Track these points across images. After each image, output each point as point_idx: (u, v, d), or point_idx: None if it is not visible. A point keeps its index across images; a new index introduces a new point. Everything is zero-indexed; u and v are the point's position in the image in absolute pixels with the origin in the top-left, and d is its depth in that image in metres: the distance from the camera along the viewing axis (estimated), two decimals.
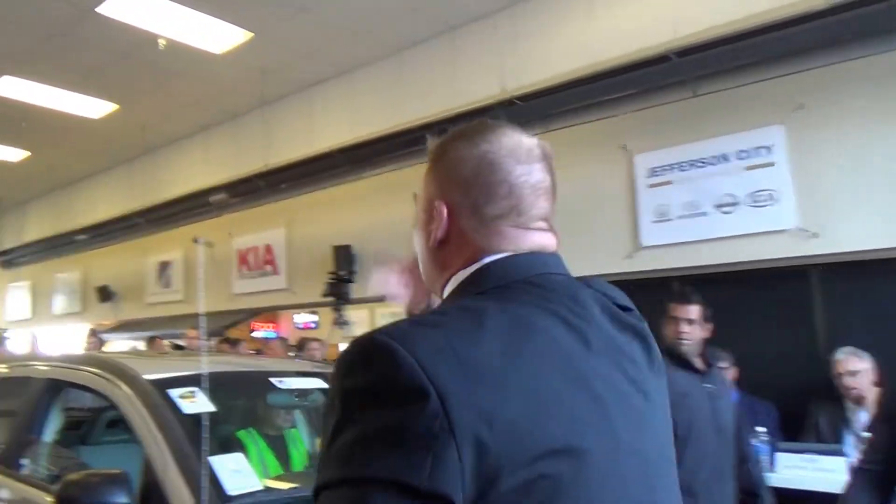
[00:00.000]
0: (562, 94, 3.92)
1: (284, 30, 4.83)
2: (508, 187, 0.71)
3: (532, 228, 0.72)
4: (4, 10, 4.50)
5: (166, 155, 7.32)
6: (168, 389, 1.95)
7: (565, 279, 0.72)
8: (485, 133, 0.73)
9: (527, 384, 0.59)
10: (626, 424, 0.65)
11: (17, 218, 9.83)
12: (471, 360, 0.57)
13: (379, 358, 0.56)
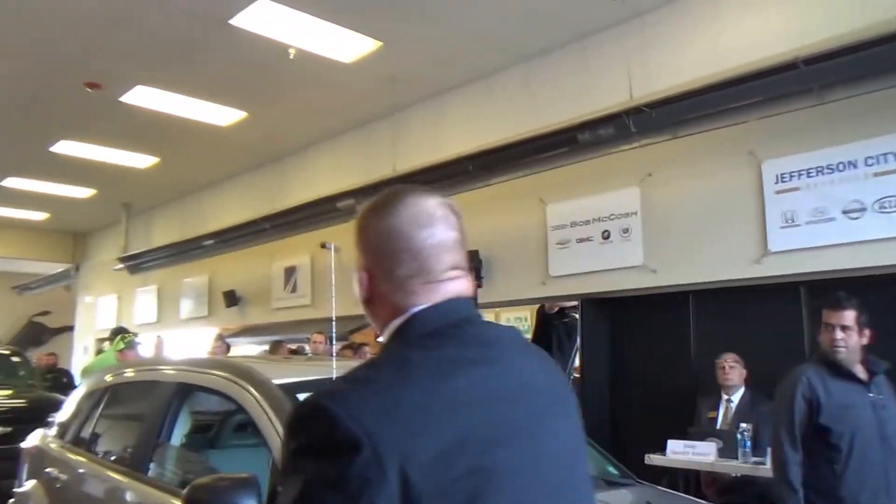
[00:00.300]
0: (690, 101, 4.81)
1: (413, 38, 5.85)
2: (412, 252, 1.02)
3: (441, 280, 1.04)
4: (140, 21, 5.51)
5: (294, 161, 8.87)
6: (297, 394, 2.24)
7: (477, 324, 1.06)
8: (389, 206, 1.05)
9: (447, 422, 0.88)
10: (531, 447, 0.97)
11: (146, 223, 11.91)
12: (397, 410, 0.85)
13: (318, 418, 0.85)
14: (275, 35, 5.71)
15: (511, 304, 7.48)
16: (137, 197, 11.31)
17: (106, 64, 6.30)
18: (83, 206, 11.62)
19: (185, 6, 5.29)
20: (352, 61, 6.23)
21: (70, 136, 8.27)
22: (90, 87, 6.70)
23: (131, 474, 2.65)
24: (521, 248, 6.27)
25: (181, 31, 5.72)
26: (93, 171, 9.63)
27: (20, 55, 6.13)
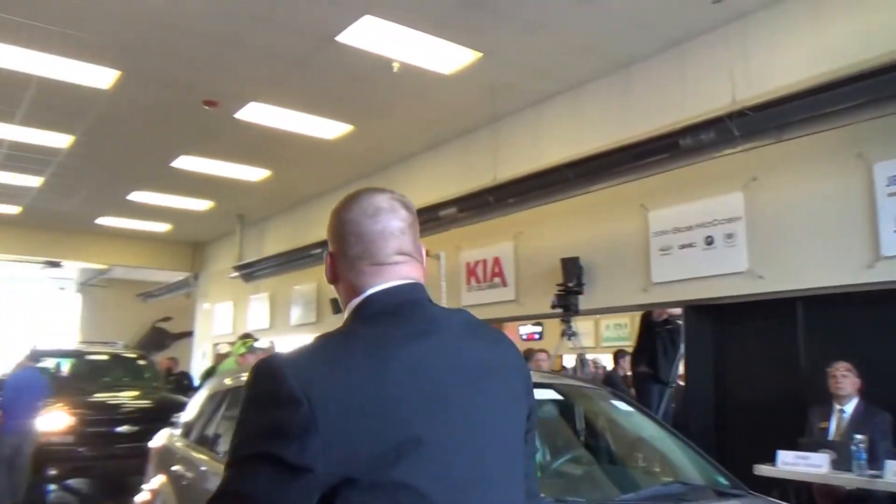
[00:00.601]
0: (795, 103, 4.73)
1: (512, 49, 6.02)
2: (359, 236, 1.23)
3: (388, 264, 1.22)
4: (253, 42, 5.87)
5: (397, 172, 9.25)
6: None
7: (424, 306, 1.22)
8: (348, 201, 1.28)
9: (380, 390, 1.05)
10: (463, 417, 1.13)
11: (258, 233, 12.68)
12: (336, 376, 1.04)
13: (271, 376, 1.04)
14: (379, 50, 5.99)
15: (611, 310, 7.52)
16: (251, 208, 12.01)
17: (222, 83, 6.83)
18: (202, 217, 12.48)
19: (294, 26, 5.68)
20: (452, 73, 6.44)
21: (189, 151, 8.97)
22: (208, 105, 7.27)
23: None
24: (622, 254, 6.30)
25: (291, 50, 6.11)
26: (210, 185, 10.37)
27: (145, 78, 6.75)
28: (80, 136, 8.32)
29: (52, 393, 7.97)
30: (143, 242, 14.64)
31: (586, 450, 3.48)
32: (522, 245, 7.44)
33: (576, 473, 3.19)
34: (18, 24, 5.68)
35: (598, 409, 3.66)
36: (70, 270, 16.00)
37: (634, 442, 3.49)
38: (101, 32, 5.83)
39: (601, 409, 3.65)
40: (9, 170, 9.71)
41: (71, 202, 11.53)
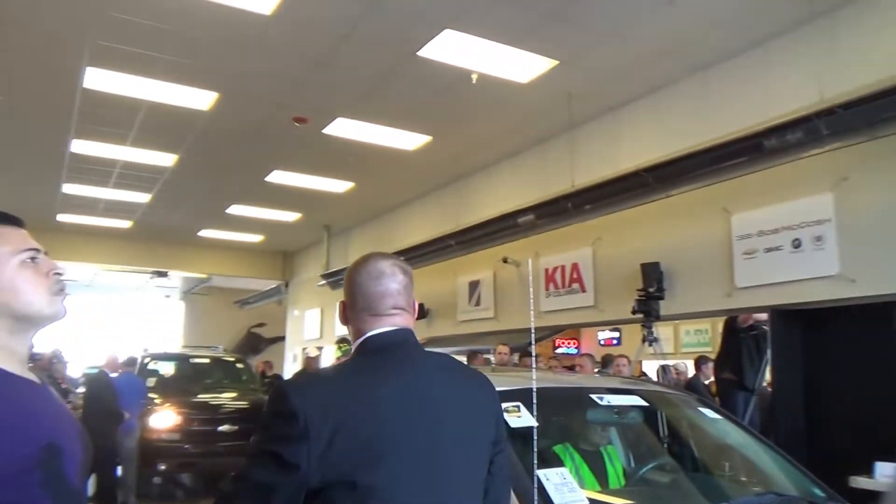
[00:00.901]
0: (888, 99, 4.41)
1: (588, 55, 5.89)
2: (364, 295, 1.55)
3: (384, 315, 1.54)
4: (339, 59, 5.94)
5: (476, 180, 9.22)
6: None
7: (408, 348, 1.55)
8: (358, 265, 1.60)
9: (362, 410, 1.35)
10: (429, 437, 1.41)
11: (343, 242, 12.90)
12: (330, 399, 1.34)
13: (281, 397, 1.35)
14: (458, 62, 6.00)
15: (693, 316, 7.22)
16: (336, 219, 12.24)
17: (311, 100, 6.97)
18: (291, 228, 12.79)
19: (378, 43, 5.74)
20: (529, 81, 6.37)
21: (281, 166, 9.20)
22: (298, 121, 7.44)
23: None
24: (704, 259, 6.05)
25: (375, 66, 6.18)
26: (299, 197, 10.62)
27: (241, 98, 6.96)
28: (183, 154, 8.67)
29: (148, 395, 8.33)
30: (238, 253, 15.14)
31: (672, 457, 3.32)
32: (601, 250, 7.25)
33: (662, 481, 3.04)
34: (131, 54, 5.97)
35: (684, 415, 3.48)
36: (175, 279, 16.68)
37: (722, 450, 3.30)
38: (201, 57, 6.05)
39: (686, 416, 3.47)
40: (122, 187, 10.24)
41: (176, 216, 12.04)
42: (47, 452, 1.18)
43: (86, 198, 10.83)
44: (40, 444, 1.18)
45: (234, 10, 5.18)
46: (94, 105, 7.06)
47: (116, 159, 8.86)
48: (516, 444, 2.10)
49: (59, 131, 7.89)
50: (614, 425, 3.01)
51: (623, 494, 2.62)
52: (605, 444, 2.88)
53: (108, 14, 5.33)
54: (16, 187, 10.36)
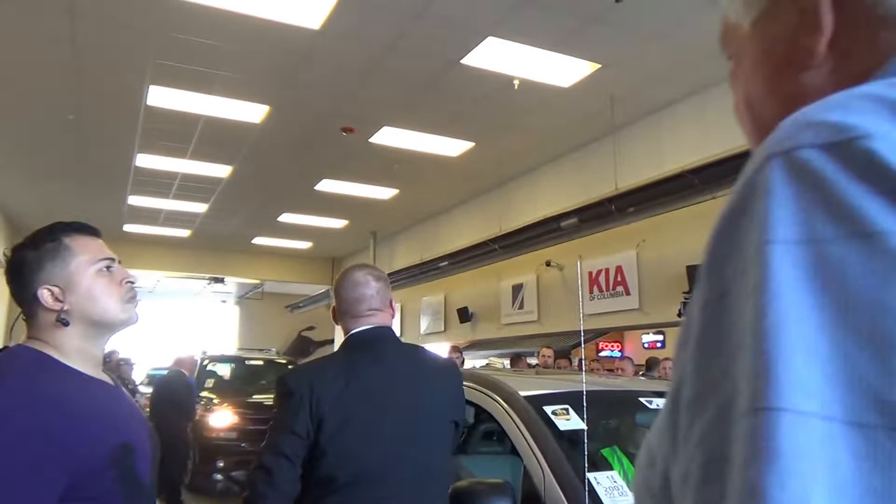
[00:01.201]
0: None
1: (631, 58, 5.74)
2: (345, 301, 1.90)
3: (363, 316, 1.88)
4: (386, 69, 5.95)
5: (519, 185, 9.10)
6: (543, 406, 2.27)
7: (384, 341, 1.90)
8: (340, 278, 1.95)
9: (342, 388, 1.73)
10: (393, 409, 1.77)
11: (389, 248, 12.91)
12: (318, 378, 1.75)
13: (283, 381, 1.79)
14: (501, 69, 5.92)
15: None
16: (382, 225, 12.25)
17: (358, 110, 6.96)
18: (338, 234, 12.87)
19: (423, 52, 5.69)
20: (571, 85, 6.26)
21: (330, 175, 9.24)
22: (346, 131, 7.44)
23: None
24: None
25: (420, 75, 6.13)
26: (346, 205, 10.66)
27: (291, 111, 7.00)
28: (237, 166, 8.78)
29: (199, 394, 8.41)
30: (289, 259, 15.31)
31: None
32: (645, 253, 7.06)
33: None
34: (190, 72, 6.06)
35: None
36: (230, 285, 16.94)
37: None
38: (254, 72, 6.10)
39: None
40: (181, 199, 10.46)
41: (231, 225, 12.23)
42: (121, 451, 1.21)
43: (149, 209, 11.11)
44: (114, 443, 1.21)
45: (284, 26, 5.21)
46: (157, 121, 7.21)
47: (176, 171, 9.04)
48: (565, 446, 2.08)
49: (125, 146, 8.09)
50: None
51: None
52: None
53: (168, 34, 5.41)
54: (87, 200, 10.68)
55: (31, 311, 1.31)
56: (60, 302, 1.29)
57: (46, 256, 1.31)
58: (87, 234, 1.38)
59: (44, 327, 1.29)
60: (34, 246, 1.32)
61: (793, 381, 0.36)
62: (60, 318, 1.28)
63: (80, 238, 1.36)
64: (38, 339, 1.29)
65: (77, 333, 1.29)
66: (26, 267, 1.31)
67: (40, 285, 1.29)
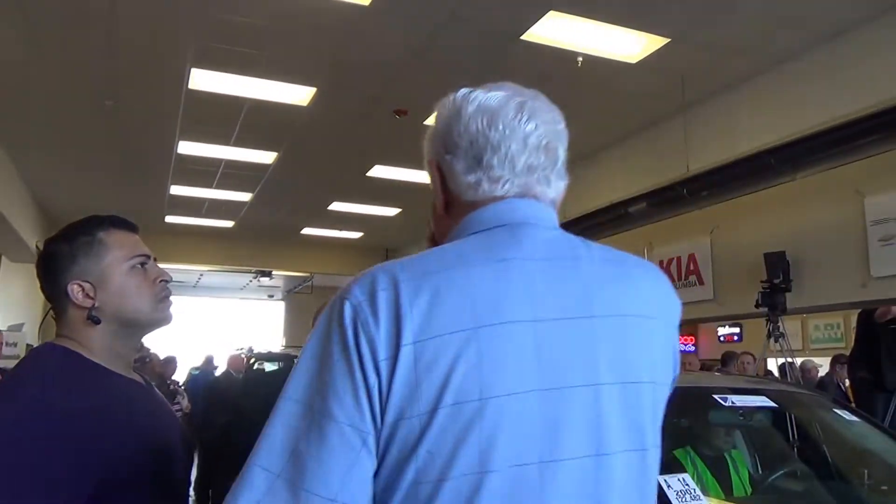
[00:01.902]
0: None
1: (703, 31, 5.69)
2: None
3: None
4: (439, 47, 5.96)
5: (583, 168, 9.05)
6: None
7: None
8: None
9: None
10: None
11: None
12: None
13: None
14: (562, 44, 5.95)
15: (823, 309, 6.89)
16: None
17: (411, 91, 7.06)
18: (391, 223, 13.01)
19: (479, 28, 5.76)
20: (638, 61, 6.24)
21: (382, 161, 9.41)
22: (398, 114, 7.58)
23: None
24: (835, 247, 5.76)
25: (476, 53, 6.20)
26: (399, 192, 10.79)
27: (339, 92, 7.17)
28: (283, 152, 9.01)
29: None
30: (339, 250, 15.48)
31: (804, 463, 3.19)
32: (719, 240, 7.03)
33: (793, 489, 2.93)
34: (232, 53, 6.25)
35: (816, 417, 3.34)
36: (277, 279, 17.23)
37: (860, 455, 3.15)
38: (300, 52, 6.27)
39: (820, 418, 3.33)
40: (224, 188, 10.74)
41: (278, 215, 12.49)
42: (150, 452, 1.24)
43: (191, 198, 11.41)
44: (143, 444, 1.23)
45: (331, 2, 5.31)
46: (199, 105, 7.43)
47: (220, 159, 9.30)
48: None
49: (166, 133, 8.34)
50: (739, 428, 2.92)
51: (751, 503, 2.54)
52: (729, 448, 2.79)
53: (210, 14, 5.60)
54: (127, 190, 11.03)
55: (61, 306, 1.34)
56: (91, 299, 1.31)
57: (80, 251, 1.33)
58: (123, 228, 1.40)
59: (73, 324, 1.32)
60: (67, 240, 1.35)
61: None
62: (91, 316, 1.30)
63: (115, 233, 1.38)
64: (66, 337, 1.32)
65: (108, 331, 1.32)
66: (58, 261, 1.33)
67: (71, 280, 1.31)
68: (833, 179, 5.70)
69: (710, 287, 7.05)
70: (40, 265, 1.37)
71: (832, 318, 10.22)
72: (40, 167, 9.97)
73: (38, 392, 1.16)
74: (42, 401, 1.15)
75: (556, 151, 1.08)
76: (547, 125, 1.06)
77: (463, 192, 1.01)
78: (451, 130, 1.04)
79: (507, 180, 1.00)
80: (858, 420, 3.13)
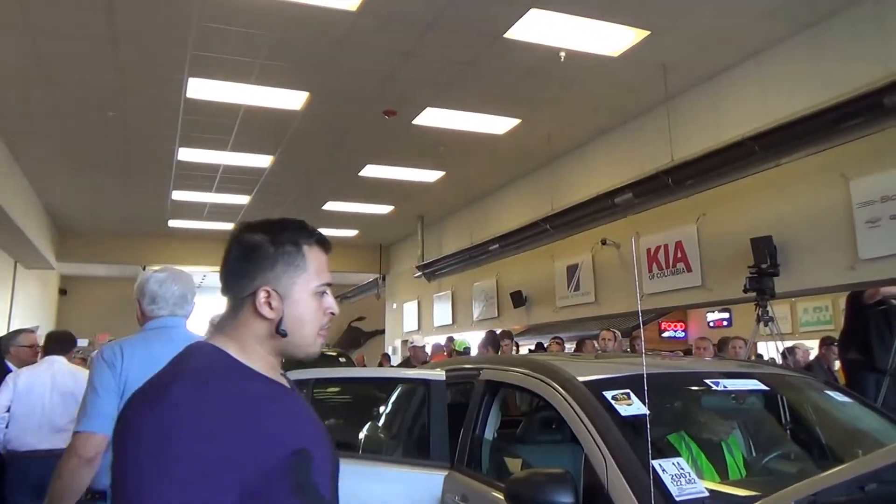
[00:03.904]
0: None
1: (681, 22, 5.63)
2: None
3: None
4: (426, 48, 6.00)
5: (569, 161, 9.04)
6: (603, 391, 2.22)
7: None
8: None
9: None
10: None
11: (437, 233, 12.98)
12: None
13: None
14: (545, 41, 5.90)
15: (812, 292, 6.81)
16: (429, 209, 12.34)
17: (399, 92, 7.03)
18: (385, 221, 13.00)
19: (464, 29, 5.70)
20: (620, 54, 6.19)
21: (373, 160, 9.36)
22: (388, 114, 7.53)
23: (460, 469, 2.74)
24: (821, 230, 5.69)
25: (462, 53, 6.16)
26: (391, 190, 10.78)
27: (331, 96, 7.10)
28: (279, 155, 8.97)
29: None
30: (335, 248, 14.69)
31: (797, 445, 3.13)
32: (706, 227, 6.96)
33: (788, 471, 2.87)
34: (226, 61, 6.22)
35: (809, 399, 3.27)
36: None
37: (853, 436, 3.08)
38: (291, 58, 6.21)
39: (812, 400, 3.26)
40: (223, 191, 10.75)
41: (275, 216, 12.00)
42: (298, 459, 1.14)
43: (193, 203, 11.46)
44: (291, 451, 1.14)
45: (320, 8, 5.29)
46: (197, 113, 7.42)
47: (218, 164, 9.29)
48: (627, 433, 2.01)
49: (167, 141, 8.35)
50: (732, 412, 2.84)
51: (746, 485, 2.40)
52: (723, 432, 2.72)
53: (205, 24, 5.56)
54: (131, 196, 11.10)
55: (236, 303, 1.25)
56: (272, 309, 1.23)
57: (282, 258, 1.25)
58: (322, 248, 1.34)
59: (239, 325, 1.24)
60: (274, 242, 1.26)
61: None
62: (280, 330, 1.23)
63: (316, 250, 1.31)
64: (224, 336, 1.24)
65: (272, 344, 1.24)
66: (259, 260, 1.24)
67: (264, 285, 1.23)
68: (817, 164, 5.63)
69: (697, 274, 6.98)
70: (237, 253, 1.27)
71: (821, 300, 10.16)
72: (50, 178, 10.02)
73: (182, 394, 1.08)
74: (187, 406, 1.06)
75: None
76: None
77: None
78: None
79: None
80: (851, 401, 3.07)
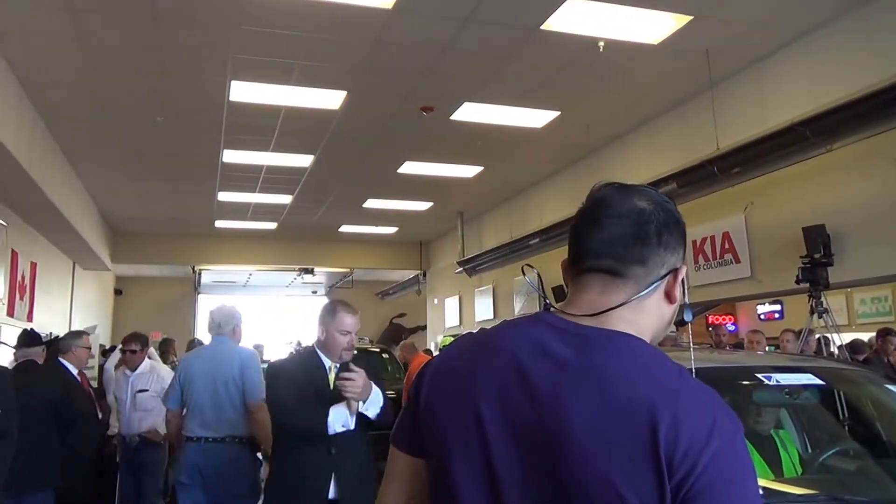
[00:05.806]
0: None
1: (725, 4, 5.45)
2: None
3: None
4: (462, 43, 5.94)
5: (610, 152, 8.88)
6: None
7: None
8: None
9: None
10: None
11: (477, 228, 12.96)
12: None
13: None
14: (583, 31, 5.80)
15: (869, 282, 6.56)
16: (468, 205, 12.32)
17: (437, 88, 7.00)
18: (424, 217, 13.04)
19: (500, 21, 5.64)
20: (660, 42, 6.04)
21: (412, 157, 9.37)
22: (425, 110, 7.51)
23: None
24: (878, 217, 5.48)
25: (499, 46, 6.10)
26: (430, 186, 10.80)
27: (368, 94, 7.12)
28: (319, 155, 9.06)
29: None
30: (376, 245, 15.64)
31: (856, 441, 3.01)
32: (755, 216, 6.77)
33: (846, 468, 2.76)
34: (267, 64, 6.30)
35: (867, 394, 3.15)
36: (319, 275, 17.51)
37: None
38: (329, 58, 6.25)
39: (871, 395, 3.13)
40: (266, 191, 10.92)
41: (317, 214, 12.64)
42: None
43: (237, 203, 11.68)
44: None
45: (356, 8, 5.29)
46: (240, 116, 7.55)
47: (261, 165, 9.44)
48: None
49: (212, 144, 8.54)
50: (786, 407, 2.78)
51: (803, 483, 2.39)
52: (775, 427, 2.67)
53: (244, 28, 5.64)
54: (180, 199, 11.39)
55: (644, 281, 1.05)
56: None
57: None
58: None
59: (649, 312, 1.07)
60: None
61: None
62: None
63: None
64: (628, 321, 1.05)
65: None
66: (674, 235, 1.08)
67: (683, 265, 1.10)
68: (869, 148, 5.41)
69: (746, 265, 6.78)
70: (670, 223, 1.09)
71: (879, 290, 9.73)
72: (102, 182, 10.35)
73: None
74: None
75: None
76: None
77: None
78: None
79: None
80: None
